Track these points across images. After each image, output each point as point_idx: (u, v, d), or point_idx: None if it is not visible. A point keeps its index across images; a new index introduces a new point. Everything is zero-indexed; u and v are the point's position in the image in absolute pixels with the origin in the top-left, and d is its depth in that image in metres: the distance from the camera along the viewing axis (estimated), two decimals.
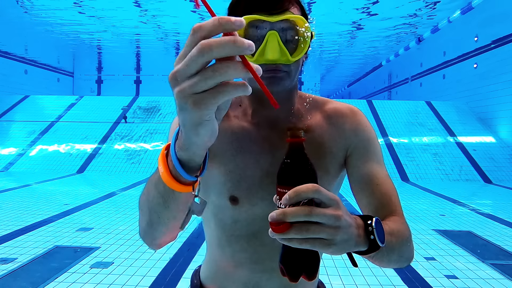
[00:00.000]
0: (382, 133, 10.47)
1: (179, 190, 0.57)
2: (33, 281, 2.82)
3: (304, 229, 0.52)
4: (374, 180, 0.81)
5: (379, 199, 0.79)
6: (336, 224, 0.54)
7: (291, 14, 0.74)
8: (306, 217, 0.52)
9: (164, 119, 11.38)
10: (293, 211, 0.52)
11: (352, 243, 0.58)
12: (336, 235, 0.54)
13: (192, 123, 0.47)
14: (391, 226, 0.71)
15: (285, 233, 0.53)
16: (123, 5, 11.54)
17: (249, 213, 0.83)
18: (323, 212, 0.53)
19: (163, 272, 3.04)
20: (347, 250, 0.58)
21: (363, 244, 0.60)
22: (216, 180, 0.84)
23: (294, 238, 0.53)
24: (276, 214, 0.53)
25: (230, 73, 0.41)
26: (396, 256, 0.71)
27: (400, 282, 2.93)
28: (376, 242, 0.61)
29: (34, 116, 11.78)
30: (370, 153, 0.85)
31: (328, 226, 0.53)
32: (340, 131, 0.87)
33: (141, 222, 0.72)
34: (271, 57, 0.72)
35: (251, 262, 0.87)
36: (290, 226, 0.52)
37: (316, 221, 0.53)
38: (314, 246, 0.53)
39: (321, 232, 0.53)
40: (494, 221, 5.01)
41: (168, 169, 0.56)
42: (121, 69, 20.35)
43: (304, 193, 0.53)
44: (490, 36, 10.58)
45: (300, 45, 0.77)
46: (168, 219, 0.65)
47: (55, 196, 6.31)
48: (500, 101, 10.16)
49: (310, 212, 0.52)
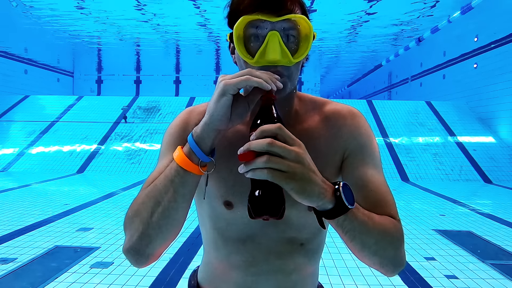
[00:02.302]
0: (382, 133, 10.47)
1: (193, 170, 0.68)
2: (33, 281, 2.82)
3: (265, 158, 0.57)
4: (369, 185, 0.78)
5: (373, 204, 0.76)
6: (296, 159, 0.59)
7: (293, 14, 0.72)
8: (268, 146, 0.57)
9: (164, 119, 11.38)
10: (257, 141, 0.58)
11: (316, 190, 0.61)
12: (295, 169, 0.58)
13: (218, 94, 0.65)
14: (373, 215, 0.71)
15: (249, 162, 0.58)
16: (123, 5, 11.53)
17: (244, 216, 0.81)
18: (284, 146, 0.58)
19: (163, 272, 3.04)
20: (309, 196, 0.60)
21: (328, 200, 0.63)
22: (210, 186, 0.83)
23: (257, 168, 0.58)
24: (243, 146, 0.59)
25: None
26: (372, 243, 0.69)
27: (400, 282, 2.93)
28: (342, 201, 0.63)
29: (34, 116, 11.78)
30: (367, 157, 0.82)
31: (288, 160, 0.58)
32: (338, 133, 0.84)
33: (131, 235, 0.71)
34: (272, 58, 0.70)
35: (246, 265, 0.85)
36: (255, 158, 0.58)
37: (277, 153, 0.58)
38: (274, 177, 0.57)
39: (280, 164, 0.57)
40: (494, 221, 5.01)
41: (184, 154, 0.69)
42: (121, 69, 20.34)
43: (268, 130, 0.59)
44: (490, 36, 10.58)
45: (302, 46, 0.74)
46: (174, 209, 0.69)
47: (55, 196, 6.31)
48: (500, 101, 10.16)
49: (271, 142, 0.57)
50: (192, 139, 0.69)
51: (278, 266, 0.85)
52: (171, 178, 0.69)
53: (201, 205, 0.90)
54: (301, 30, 0.74)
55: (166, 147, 0.83)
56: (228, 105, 0.65)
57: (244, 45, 0.75)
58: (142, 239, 0.70)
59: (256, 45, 0.74)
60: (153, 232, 0.70)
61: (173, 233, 0.73)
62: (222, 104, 0.65)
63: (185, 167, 0.68)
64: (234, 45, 0.75)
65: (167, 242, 0.73)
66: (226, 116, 0.66)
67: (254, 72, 0.65)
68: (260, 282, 0.86)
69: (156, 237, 0.70)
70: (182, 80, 20.86)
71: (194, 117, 0.85)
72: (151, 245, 0.70)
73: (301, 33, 0.74)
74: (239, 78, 0.64)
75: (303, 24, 0.73)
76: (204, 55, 18.14)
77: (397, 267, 0.74)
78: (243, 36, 0.75)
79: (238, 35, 0.74)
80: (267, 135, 0.59)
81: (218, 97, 0.65)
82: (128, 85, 20.70)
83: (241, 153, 0.59)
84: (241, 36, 0.75)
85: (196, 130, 0.69)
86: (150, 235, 0.70)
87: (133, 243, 0.70)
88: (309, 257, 0.88)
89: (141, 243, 0.70)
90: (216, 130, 0.68)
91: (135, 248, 0.70)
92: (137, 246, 0.70)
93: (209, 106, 0.67)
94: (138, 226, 0.70)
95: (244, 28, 0.74)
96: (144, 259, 0.72)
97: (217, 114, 0.66)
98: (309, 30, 0.74)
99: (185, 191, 0.70)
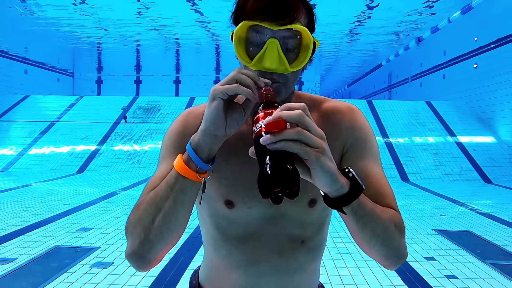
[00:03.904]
0: (382, 133, 10.47)
1: (191, 177, 0.70)
2: (33, 281, 2.82)
3: (298, 129, 0.57)
4: (369, 178, 0.79)
5: (373, 196, 0.76)
6: (322, 137, 0.60)
7: (296, 24, 0.72)
8: (301, 117, 0.58)
9: (164, 119, 11.38)
10: (289, 112, 0.58)
11: (334, 176, 0.62)
12: (324, 146, 0.60)
13: (208, 100, 0.67)
14: (377, 205, 0.73)
15: (279, 132, 0.57)
16: (123, 5, 11.53)
17: (245, 215, 0.82)
18: (313, 122, 0.60)
19: (163, 272, 3.04)
20: (333, 175, 0.61)
21: (345, 183, 0.64)
22: (210, 185, 0.83)
23: (289, 140, 0.57)
24: (273, 114, 0.58)
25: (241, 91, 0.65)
26: (381, 231, 0.71)
27: (400, 282, 2.93)
28: (356, 181, 0.65)
29: (34, 116, 11.78)
30: (366, 151, 0.83)
31: (312, 147, 0.58)
32: (336, 129, 0.85)
33: (133, 240, 0.72)
34: (268, 65, 0.71)
35: (247, 264, 0.85)
36: (285, 128, 0.57)
37: (307, 127, 0.58)
38: (306, 151, 0.57)
39: (311, 138, 0.58)
40: (494, 221, 5.01)
41: (183, 161, 0.70)
42: (121, 69, 20.35)
43: (295, 106, 0.59)
44: (490, 36, 10.58)
45: (301, 56, 0.75)
46: (174, 215, 0.71)
47: (55, 196, 6.31)
48: (500, 101, 10.16)
49: (303, 114, 0.58)
50: (190, 147, 0.70)
51: (280, 265, 0.85)
52: (171, 185, 0.71)
53: (201, 205, 0.90)
54: (301, 40, 0.74)
55: (165, 151, 0.85)
56: (219, 109, 0.66)
57: (244, 48, 0.75)
58: (144, 244, 0.71)
59: (255, 50, 0.74)
60: (155, 238, 0.71)
61: (175, 238, 0.74)
62: (213, 108, 0.66)
63: (184, 174, 0.70)
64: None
65: (168, 246, 0.74)
66: (220, 120, 0.67)
67: (241, 76, 0.66)
68: (262, 282, 0.86)
69: (157, 242, 0.72)
70: (182, 80, 20.87)
71: (192, 119, 0.85)
72: (153, 250, 0.72)
73: (302, 43, 0.74)
74: (227, 86, 0.65)
75: (304, 35, 0.73)
76: (204, 55, 18.15)
77: (400, 258, 0.76)
78: (243, 38, 0.75)
79: (238, 37, 0.75)
80: (295, 108, 0.59)
81: (209, 102, 0.67)
82: (128, 85, 20.71)
83: (271, 121, 0.58)
84: (241, 38, 0.75)
85: (194, 137, 0.71)
86: (152, 241, 0.71)
87: (135, 249, 0.72)
88: (311, 254, 0.88)
89: (143, 249, 0.72)
90: (213, 136, 0.68)
91: (138, 253, 0.72)
92: (139, 252, 0.72)
93: (204, 113, 0.69)
94: (140, 232, 0.71)
95: (245, 31, 0.74)
96: (146, 264, 0.74)
97: (210, 118, 0.67)
98: (309, 41, 0.74)
99: (185, 197, 0.71)
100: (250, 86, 0.65)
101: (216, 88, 0.66)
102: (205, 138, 0.69)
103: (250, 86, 0.65)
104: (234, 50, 0.83)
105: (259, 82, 0.67)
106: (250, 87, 0.65)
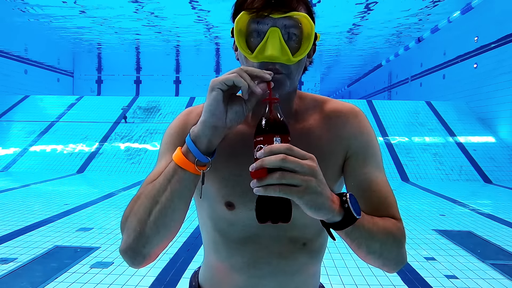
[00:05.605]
0: (382, 133, 10.47)
1: (189, 169, 0.68)
2: (33, 281, 2.82)
3: (279, 174, 0.57)
4: (372, 186, 0.79)
5: (376, 205, 0.76)
6: (310, 172, 0.58)
7: (296, 12, 0.71)
8: (282, 162, 0.57)
9: (164, 119, 11.38)
10: (269, 158, 0.57)
11: (326, 204, 0.61)
12: (309, 183, 0.58)
13: (208, 90, 0.67)
14: (376, 219, 0.72)
15: (262, 179, 0.58)
16: (123, 5, 11.53)
17: (245, 217, 0.81)
18: (297, 161, 0.58)
19: (163, 272, 3.04)
20: (320, 209, 0.61)
21: (337, 212, 0.63)
22: (211, 186, 0.82)
23: (270, 185, 0.57)
24: (255, 163, 0.59)
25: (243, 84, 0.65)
26: (378, 247, 0.71)
27: (400, 282, 2.93)
28: (350, 211, 0.64)
29: (34, 116, 11.78)
30: (369, 157, 0.82)
31: (301, 174, 0.58)
32: (339, 133, 0.83)
33: (128, 234, 0.70)
34: (270, 53, 0.69)
35: (247, 266, 0.84)
36: (267, 174, 0.58)
37: (291, 168, 0.57)
38: (286, 193, 0.58)
39: (294, 179, 0.57)
40: (494, 221, 5.01)
41: (182, 153, 0.69)
42: (121, 69, 20.33)
43: (278, 149, 0.58)
44: (490, 36, 10.58)
45: (303, 45, 0.73)
46: (171, 208, 0.69)
47: (55, 196, 6.31)
48: (500, 101, 10.16)
49: (285, 158, 0.57)
50: (189, 138, 0.69)
51: (280, 267, 0.84)
52: (169, 177, 0.69)
53: (201, 207, 0.89)
54: (303, 29, 0.73)
55: (164, 148, 0.83)
56: (218, 99, 0.65)
57: (244, 40, 0.75)
58: (139, 238, 0.69)
59: (257, 41, 0.73)
60: (150, 231, 0.69)
61: (170, 234, 0.72)
62: (212, 98, 0.66)
63: (182, 165, 0.68)
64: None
65: (164, 242, 0.72)
66: (219, 110, 0.66)
67: (243, 73, 0.65)
68: (262, 284, 0.85)
69: (153, 237, 0.69)
70: (182, 80, 20.85)
71: (193, 118, 0.85)
72: (148, 245, 0.70)
73: (303, 32, 0.73)
74: (226, 76, 0.65)
75: (305, 23, 0.72)
76: (204, 55, 18.15)
77: (399, 264, 0.76)
78: (244, 31, 0.74)
79: (239, 29, 0.74)
80: (276, 153, 0.58)
81: (208, 93, 0.67)
82: (128, 85, 20.67)
83: (253, 170, 0.59)
84: (242, 30, 0.74)
85: (193, 129, 0.70)
86: (148, 235, 0.69)
87: (130, 243, 0.70)
88: (312, 257, 0.87)
89: (138, 243, 0.69)
90: (213, 128, 0.67)
91: (132, 247, 0.70)
92: (134, 246, 0.69)
93: (204, 106, 0.69)
94: (136, 225, 0.69)
95: (246, 23, 0.73)
96: (140, 259, 0.71)
97: (209, 109, 0.66)
98: (311, 29, 0.73)
99: (183, 190, 0.69)
100: (249, 78, 0.65)
101: (215, 79, 0.66)
102: (205, 129, 0.67)
103: (249, 78, 0.65)
104: (234, 48, 0.83)
105: (264, 75, 0.66)
106: (248, 79, 0.65)
